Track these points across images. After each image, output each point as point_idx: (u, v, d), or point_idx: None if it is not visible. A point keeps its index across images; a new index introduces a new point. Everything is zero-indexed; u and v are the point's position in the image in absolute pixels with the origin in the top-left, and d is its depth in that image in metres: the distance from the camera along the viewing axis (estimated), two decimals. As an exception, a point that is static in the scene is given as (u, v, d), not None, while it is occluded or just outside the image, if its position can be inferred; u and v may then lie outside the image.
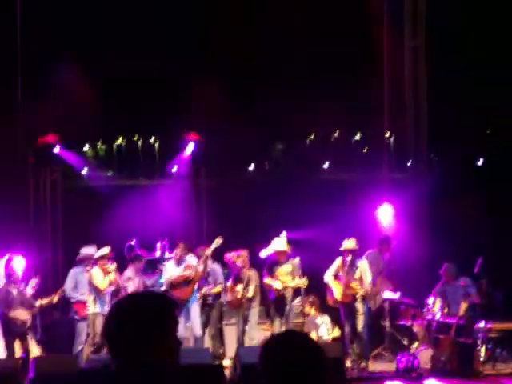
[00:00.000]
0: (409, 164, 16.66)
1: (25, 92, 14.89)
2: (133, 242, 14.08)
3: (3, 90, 14.70)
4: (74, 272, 13.23)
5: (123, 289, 12.91)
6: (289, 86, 15.28)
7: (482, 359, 12.24)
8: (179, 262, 13.30)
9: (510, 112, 15.50)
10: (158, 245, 14.46)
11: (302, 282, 12.87)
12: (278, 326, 12.87)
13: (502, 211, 15.60)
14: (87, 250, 13.23)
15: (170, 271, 13.25)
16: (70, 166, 16.21)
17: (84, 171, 16.44)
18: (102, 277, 12.80)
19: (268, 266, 13.07)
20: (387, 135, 16.76)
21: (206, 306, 13.37)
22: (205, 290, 13.27)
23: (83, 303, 12.94)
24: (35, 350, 12.41)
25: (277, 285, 12.90)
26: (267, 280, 13.00)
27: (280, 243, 13.04)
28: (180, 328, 12.43)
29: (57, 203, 15.92)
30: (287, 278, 12.87)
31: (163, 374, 3.03)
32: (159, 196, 15.91)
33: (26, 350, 12.28)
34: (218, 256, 13.67)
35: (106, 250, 12.94)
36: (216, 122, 15.24)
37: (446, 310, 12.95)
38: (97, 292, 12.80)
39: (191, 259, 13.33)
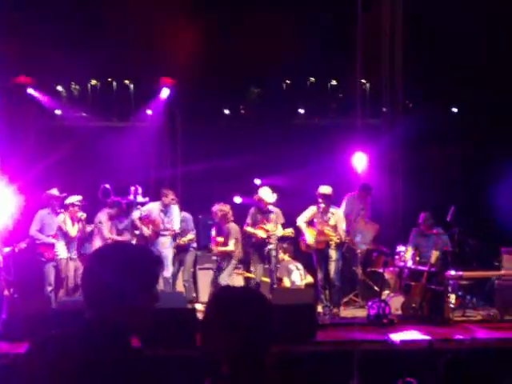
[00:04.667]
0: (384, 110, 16.64)
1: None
2: (107, 185, 13.98)
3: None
4: (40, 214, 13.13)
5: (99, 232, 12.96)
6: (264, 32, 15.08)
7: (452, 306, 12.39)
8: (166, 208, 13.27)
9: (485, 61, 15.48)
10: (132, 189, 14.38)
11: (290, 231, 12.88)
12: (260, 271, 12.93)
13: (476, 159, 15.66)
14: (51, 192, 13.13)
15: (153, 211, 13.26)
16: (44, 107, 16.03)
17: (58, 112, 16.26)
18: (72, 223, 12.83)
19: (252, 214, 13.05)
20: (363, 81, 16.69)
21: (180, 251, 13.39)
22: (177, 240, 13.30)
23: (49, 246, 12.89)
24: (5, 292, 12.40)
25: (260, 233, 12.89)
26: (249, 228, 13.00)
27: (268, 194, 12.96)
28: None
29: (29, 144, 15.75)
30: (270, 226, 12.86)
31: (133, 329, 3.02)
32: (133, 138, 15.80)
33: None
34: (188, 204, 13.70)
35: (78, 197, 12.92)
36: (191, 67, 15.07)
37: (417, 258, 13.07)
38: (67, 238, 12.82)
39: (176, 211, 13.34)
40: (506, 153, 15.42)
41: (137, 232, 13.30)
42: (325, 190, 12.92)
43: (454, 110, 17.27)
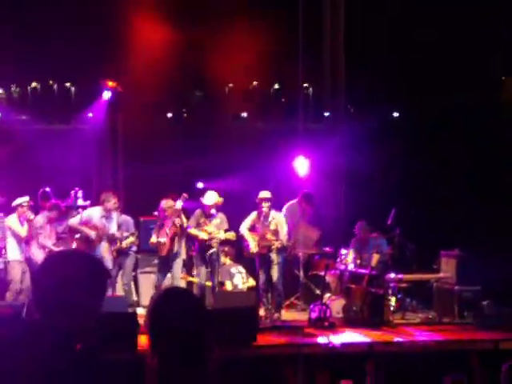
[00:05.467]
0: (326, 115, 16.74)
1: None
2: (47, 189, 13.85)
3: None
4: None
5: (35, 236, 12.83)
6: (206, 35, 15.05)
7: (392, 309, 12.52)
8: (108, 213, 13.11)
9: (426, 66, 15.67)
10: (73, 192, 14.26)
11: (231, 235, 12.87)
12: (204, 274, 12.89)
13: (417, 163, 15.83)
14: None
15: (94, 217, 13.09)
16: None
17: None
18: (21, 224, 12.73)
19: (196, 216, 13.00)
20: (305, 85, 16.78)
21: (120, 255, 13.30)
22: (118, 244, 13.17)
23: None
24: None
25: (202, 235, 12.85)
26: (192, 230, 12.95)
27: (213, 197, 12.93)
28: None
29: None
30: (213, 229, 12.83)
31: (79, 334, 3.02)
32: (74, 141, 15.64)
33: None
34: (129, 207, 13.63)
35: (25, 198, 12.85)
36: (133, 69, 14.98)
37: (358, 261, 13.19)
38: (17, 239, 12.72)
39: (118, 216, 13.26)
40: (446, 157, 15.68)
41: (77, 236, 13.16)
42: (265, 194, 12.97)
43: (396, 114, 17.47)
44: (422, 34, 15.06)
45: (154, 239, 12.91)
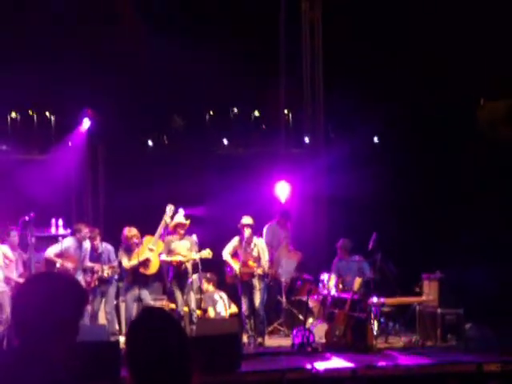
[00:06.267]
0: (306, 140, 16.80)
1: None
2: (27, 218, 13.76)
3: None
4: None
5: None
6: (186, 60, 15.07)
7: (375, 333, 12.51)
8: (80, 243, 13.04)
9: (405, 89, 15.80)
10: (53, 221, 14.21)
11: (207, 253, 12.76)
12: (181, 301, 12.82)
13: (399, 186, 15.90)
14: None
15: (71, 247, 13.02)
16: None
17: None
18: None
19: (166, 243, 12.95)
20: (285, 111, 16.86)
21: (101, 283, 13.23)
22: (100, 273, 13.12)
23: None
24: None
25: (176, 258, 12.75)
26: (164, 257, 12.88)
27: (180, 217, 12.93)
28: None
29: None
30: (187, 253, 12.79)
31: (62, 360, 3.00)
32: (54, 170, 15.60)
33: None
34: (110, 236, 13.59)
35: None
36: (112, 97, 14.99)
37: (340, 286, 13.18)
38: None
39: (106, 247, 13.23)
40: (428, 180, 15.77)
41: (58, 265, 13.04)
42: (247, 220, 12.97)
43: (375, 139, 17.57)
44: (403, 56, 15.22)
45: (126, 263, 12.88)
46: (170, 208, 12.89)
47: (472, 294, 12.50)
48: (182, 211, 13.08)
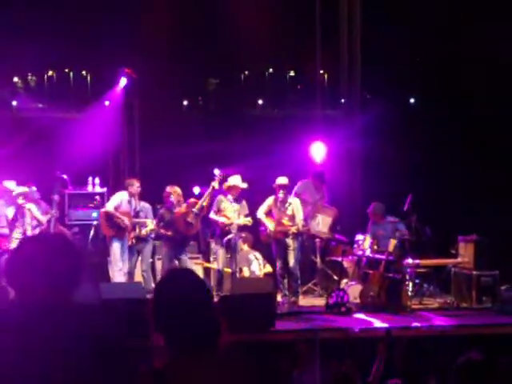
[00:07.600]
0: (342, 101, 16.71)
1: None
2: (65, 176, 13.87)
3: None
4: None
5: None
6: (224, 23, 15.01)
7: (409, 294, 12.49)
8: (131, 198, 13.11)
9: (443, 52, 15.62)
10: (90, 179, 14.31)
11: (248, 220, 12.88)
12: (223, 260, 12.90)
13: (434, 150, 15.77)
14: (6, 185, 12.99)
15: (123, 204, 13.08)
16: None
17: (14, 103, 16.10)
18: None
19: (217, 201, 13.01)
20: (321, 72, 16.74)
21: (138, 242, 13.33)
22: (137, 231, 13.19)
23: (4, 237, 12.74)
24: None
25: (222, 220, 12.86)
26: (212, 215, 12.98)
27: (238, 179, 12.94)
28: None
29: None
30: (234, 215, 12.84)
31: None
32: (91, 129, 15.67)
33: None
34: (147, 194, 13.62)
35: (25, 188, 12.77)
36: (150, 57, 14.99)
37: (375, 247, 13.14)
38: (41, 226, 12.79)
39: (138, 203, 13.27)
40: (465, 142, 15.60)
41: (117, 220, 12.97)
42: (282, 180, 12.93)
43: (412, 100, 17.42)
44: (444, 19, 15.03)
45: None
46: (218, 173, 12.87)
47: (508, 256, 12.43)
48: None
